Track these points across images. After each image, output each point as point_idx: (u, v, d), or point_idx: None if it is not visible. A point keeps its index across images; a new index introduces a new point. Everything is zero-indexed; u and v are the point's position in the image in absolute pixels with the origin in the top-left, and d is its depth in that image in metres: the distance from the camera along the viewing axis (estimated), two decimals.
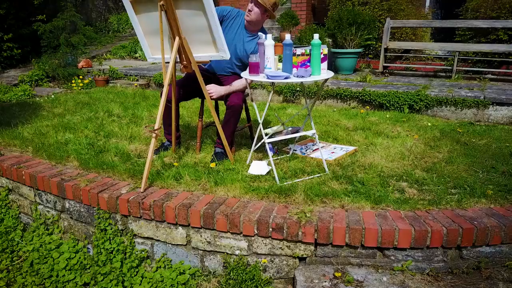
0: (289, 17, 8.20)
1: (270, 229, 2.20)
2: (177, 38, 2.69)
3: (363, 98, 4.94)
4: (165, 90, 2.67)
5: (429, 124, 4.21)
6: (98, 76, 6.65)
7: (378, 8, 6.59)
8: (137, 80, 6.58)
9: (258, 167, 2.88)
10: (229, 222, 2.26)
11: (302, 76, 2.58)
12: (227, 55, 2.76)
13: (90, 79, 6.68)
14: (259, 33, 2.84)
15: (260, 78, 2.63)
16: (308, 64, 2.72)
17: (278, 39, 8.71)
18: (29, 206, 3.06)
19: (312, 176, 2.80)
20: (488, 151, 3.33)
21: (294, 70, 2.73)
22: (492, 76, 5.85)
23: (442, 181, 2.71)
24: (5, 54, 7.14)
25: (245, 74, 2.78)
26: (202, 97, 3.23)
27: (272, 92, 2.74)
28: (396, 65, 6.39)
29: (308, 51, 2.70)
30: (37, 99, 5.50)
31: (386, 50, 6.10)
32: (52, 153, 3.23)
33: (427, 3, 7.45)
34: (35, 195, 2.98)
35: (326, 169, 2.88)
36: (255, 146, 3.02)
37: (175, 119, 3.14)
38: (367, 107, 4.93)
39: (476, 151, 3.32)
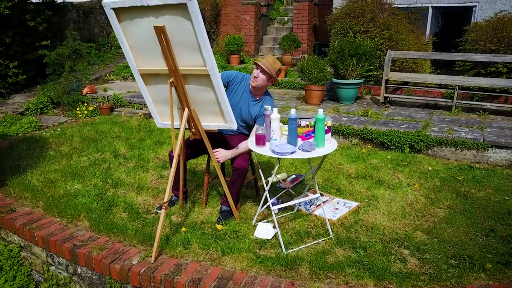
0: (290, 40, 8.30)
1: None
2: (186, 110, 2.78)
3: (364, 136, 5.02)
4: (175, 161, 2.76)
5: (430, 168, 4.30)
6: (102, 104, 6.74)
7: (379, 37, 6.67)
8: (141, 109, 6.67)
9: (264, 231, 2.97)
10: None
11: (307, 151, 2.66)
12: (234, 126, 2.86)
13: (94, 106, 6.77)
14: (265, 105, 2.92)
15: (267, 152, 2.71)
16: (313, 134, 2.82)
17: (281, 60, 8.80)
18: (41, 265, 3.15)
19: (317, 241, 2.89)
20: (487, 206, 3.42)
21: (299, 140, 2.83)
22: (492, 108, 5.93)
23: (443, 248, 2.81)
24: (10, 80, 7.23)
25: (251, 144, 2.87)
26: (209, 154, 3.32)
27: (277, 165, 2.82)
28: (397, 95, 6.46)
29: (312, 123, 2.79)
30: (44, 133, 5.58)
31: (387, 81, 6.19)
32: (62, 210, 3.32)
33: (428, 31, 7.53)
34: (47, 255, 3.07)
35: (330, 232, 2.97)
36: (261, 208, 3.11)
37: (182, 178, 3.23)
38: (369, 145, 5.01)
39: (475, 206, 3.41)
